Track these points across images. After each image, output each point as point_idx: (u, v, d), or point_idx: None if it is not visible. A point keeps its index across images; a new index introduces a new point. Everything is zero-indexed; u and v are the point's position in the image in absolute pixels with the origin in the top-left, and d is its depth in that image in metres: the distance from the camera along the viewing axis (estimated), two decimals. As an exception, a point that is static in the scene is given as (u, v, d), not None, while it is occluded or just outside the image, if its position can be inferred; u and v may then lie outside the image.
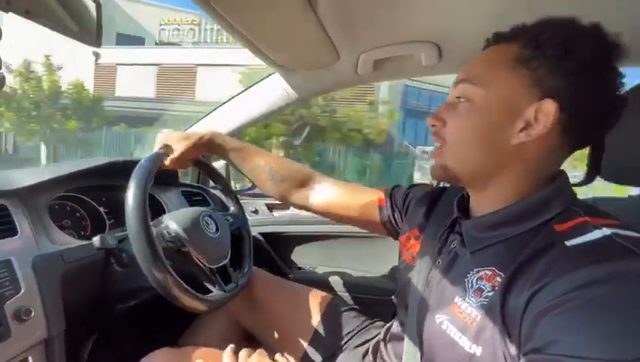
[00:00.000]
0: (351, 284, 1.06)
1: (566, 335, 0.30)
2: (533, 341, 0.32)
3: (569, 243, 0.35)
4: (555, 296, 0.32)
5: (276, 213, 1.19)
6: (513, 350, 0.35)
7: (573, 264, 0.33)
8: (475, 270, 0.42)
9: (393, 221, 0.69)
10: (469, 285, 0.41)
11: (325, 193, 0.74)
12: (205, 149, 0.76)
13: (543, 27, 0.40)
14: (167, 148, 0.70)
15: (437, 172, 0.47)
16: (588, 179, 0.47)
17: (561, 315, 0.31)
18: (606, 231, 0.35)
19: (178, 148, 0.71)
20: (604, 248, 0.34)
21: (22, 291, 0.51)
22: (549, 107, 0.38)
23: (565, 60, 0.38)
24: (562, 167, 0.44)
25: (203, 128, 1.09)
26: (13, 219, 0.57)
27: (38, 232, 0.59)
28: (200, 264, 0.68)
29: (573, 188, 0.43)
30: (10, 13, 0.36)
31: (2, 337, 0.47)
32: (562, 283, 0.32)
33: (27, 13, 0.36)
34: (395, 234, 0.70)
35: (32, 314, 0.51)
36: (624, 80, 0.40)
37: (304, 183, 0.75)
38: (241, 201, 0.90)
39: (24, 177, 0.63)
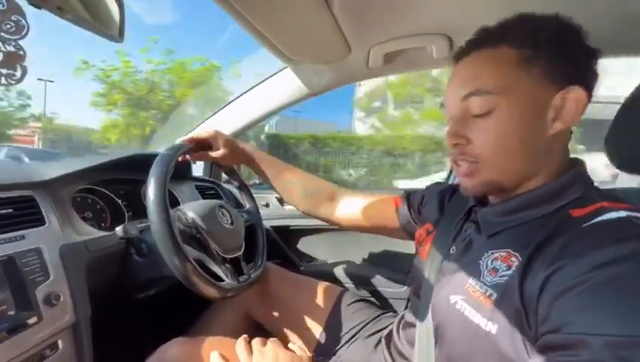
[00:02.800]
0: (361, 277, 1.08)
1: (584, 314, 0.30)
2: (549, 322, 0.33)
3: (585, 225, 0.36)
4: (572, 277, 0.32)
5: (287, 207, 1.21)
6: (530, 331, 0.35)
7: (589, 245, 0.34)
8: (490, 252, 0.42)
9: (412, 222, 0.70)
10: (484, 266, 0.42)
11: (349, 206, 0.78)
12: (244, 161, 0.81)
13: (530, 24, 0.42)
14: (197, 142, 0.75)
15: (481, 188, 0.46)
16: None
17: (579, 296, 0.31)
18: (622, 214, 0.35)
19: (221, 148, 0.76)
20: (621, 229, 0.34)
21: (51, 277, 0.53)
22: (577, 93, 0.40)
23: (566, 50, 0.40)
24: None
25: (216, 123, 1.11)
26: (41, 209, 0.59)
27: (64, 223, 0.62)
28: (214, 252, 0.70)
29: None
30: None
31: (35, 321, 0.50)
32: (578, 265, 0.33)
33: (59, 10, 0.38)
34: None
35: (61, 299, 0.54)
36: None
37: (331, 198, 0.80)
38: (254, 196, 0.91)
39: (50, 170, 0.65)
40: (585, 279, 0.31)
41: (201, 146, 0.76)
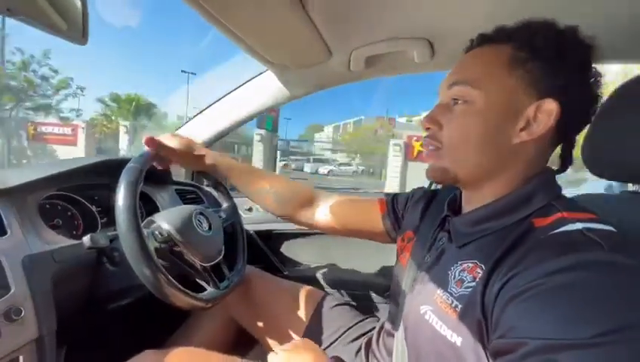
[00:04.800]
0: (344, 281, 1.07)
1: (528, 320, 0.32)
2: (499, 328, 0.34)
3: (542, 236, 0.37)
4: (521, 284, 0.33)
5: (271, 211, 1.19)
6: (489, 342, 0.36)
7: (541, 255, 0.35)
8: (459, 263, 0.43)
9: (396, 227, 0.69)
10: (452, 277, 0.42)
11: (328, 210, 0.75)
12: (209, 169, 0.76)
13: (532, 30, 0.42)
14: (158, 148, 0.70)
15: (435, 173, 0.47)
16: (562, 169, 0.48)
17: (524, 302, 0.32)
18: (578, 226, 0.36)
19: (172, 146, 0.70)
20: (573, 241, 0.35)
21: (11, 291, 0.51)
22: (551, 106, 0.40)
23: (559, 62, 0.40)
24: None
25: (196, 127, 1.09)
26: (2, 218, 0.56)
27: (29, 232, 0.59)
28: (193, 263, 0.68)
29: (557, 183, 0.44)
30: None
31: (-8, 337, 0.47)
32: (529, 273, 0.34)
33: (9, 11, 0.36)
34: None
35: (23, 313, 0.51)
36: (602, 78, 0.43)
37: (308, 202, 0.77)
38: (235, 199, 0.90)
39: (13, 176, 0.62)
40: (532, 286, 0.33)
41: (163, 149, 0.71)
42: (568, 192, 0.45)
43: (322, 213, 0.76)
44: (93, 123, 13.93)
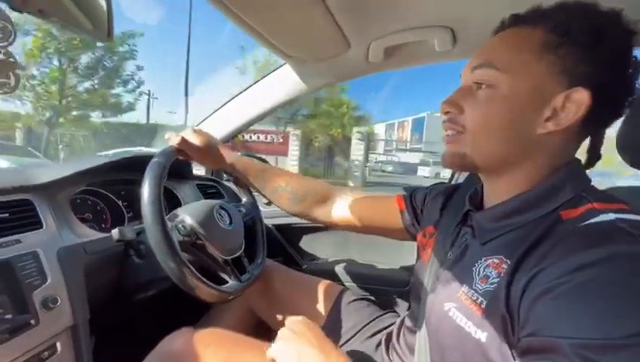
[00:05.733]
0: (363, 275, 1.07)
1: (559, 318, 0.30)
2: (529, 325, 0.33)
3: (571, 228, 0.35)
4: (550, 280, 0.32)
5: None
6: (514, 337, 0.35)
7: (570, 248, 0.33)
8: (484, 259, 0.41)
9: (416, 224, 0.68)
10: (477, 273, 0.41)
11: (346, 207, 0.74)
12: (227, 168, 0.77)
13: (569, 12, 0.38)
14: (181, 144, 0.71)
15: (452, 159, 0.45)
16: (589, 165, 0.45)
17: (555, 299, 0.31)
18: (610, 216, 0.34)
19: (194, 143, 0.72)
20: (604, 232, 0.33)
21: (48, 281, 0.54)
22: (582, 96, 0.37)
23: (596, 48, 0.37)
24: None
25: (216, 122, 1.10)
26: (38, 212, 0.59)
27: (62, 225, 0.62)
28: (215, 256, 0.70)
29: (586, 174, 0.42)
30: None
31: (32, 324, 0.50)
32: (557, 268, 0.32)
33: (40, 13, 0.37)
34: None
35: (59, 302, 0.54)
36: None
37: (324, 199, 0.76)
38: (254, 194, 0.91)
39: (47, 173, 0.65)
40: (561, 282, 0.31)
41: (184, 144, 0.73)
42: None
43: (339, 210, 0.75)
44: (307, 130, 11.63)
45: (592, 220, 0.34)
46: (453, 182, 0.94)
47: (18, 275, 0.51)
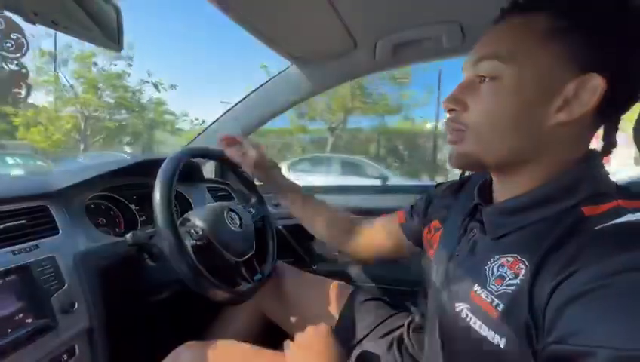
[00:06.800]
0: (373, 276, 1.06)
1: (594, 325, 0.28)
2: (556, 331, 0.30)
3: (599, 228, 0.32)
4: (582, 284, 0.30)
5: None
6: (538, 344, 0.33)
7: (604, 250, 0.30)
8: (496, 257, 0.39)
9: (420, 229, 0.66)
10: (490, 272, 0.39)
11: (360, 238, 0.75)
12: (274, 190, 0.79)
13: None
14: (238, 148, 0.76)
15: (459, 160, 0.43)
16: (604, 153, 0.42)
17: (588, 304, 0.29)
18: None
19: (250, 153, 0.75)
20: (638, 233, 0.31)
21: (65, 285, 0.55)
22: (596, 82, 0.34)
23: (607, 33, 0.35)
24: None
25: (226, 124, 1.11)
26: (54, 218, 0.61)
27: (77, 230, 0.63)
28: (227, 258, 0.70)
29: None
30: (38, 25, 0.37)
31: (51, 327, 0.51)
32: (590, 271, 0.30)
33: (53, 24, 0.38)
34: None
35: (76, 306, 0.55)
36: None
37: (347, 233, 0.76)
38: (263, 195, 0.91)
39: (62, 179, 0.67)
40: (595, 286, 0.29)
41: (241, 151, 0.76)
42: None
43: (357, 241, 0.76)
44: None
45: (621, 219, 0.32)
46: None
47: (37, 280, 0.52)
